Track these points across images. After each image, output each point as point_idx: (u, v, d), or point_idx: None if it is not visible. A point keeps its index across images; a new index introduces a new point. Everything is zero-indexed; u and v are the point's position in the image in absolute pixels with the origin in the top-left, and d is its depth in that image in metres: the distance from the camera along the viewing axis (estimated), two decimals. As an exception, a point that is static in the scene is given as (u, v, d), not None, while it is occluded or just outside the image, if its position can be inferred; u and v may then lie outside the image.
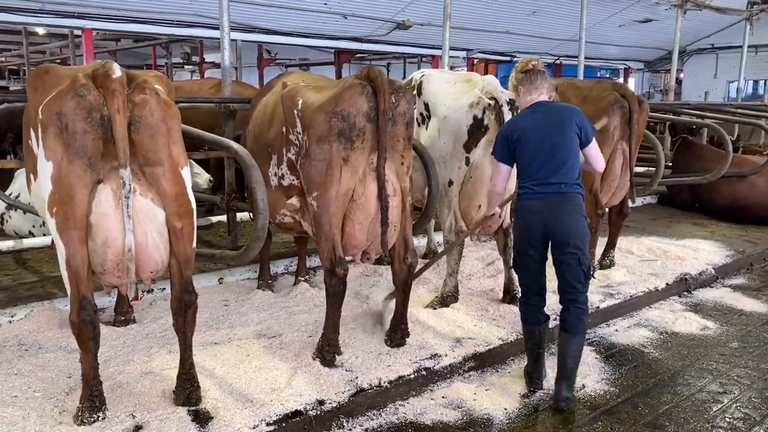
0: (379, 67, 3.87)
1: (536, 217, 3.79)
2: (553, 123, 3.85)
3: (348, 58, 21.61)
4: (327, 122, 3.78)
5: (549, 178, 3.77)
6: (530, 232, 3.85)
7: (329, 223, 3.91)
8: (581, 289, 3.85)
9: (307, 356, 4.18)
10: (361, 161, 3.87)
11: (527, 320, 4.10)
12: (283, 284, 5.75)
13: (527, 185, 3.85)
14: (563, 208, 3.77)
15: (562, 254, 3.79)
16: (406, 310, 4.43)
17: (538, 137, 3.81)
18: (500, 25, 17.32)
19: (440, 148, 4.99)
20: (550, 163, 3.78)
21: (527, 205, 3.86)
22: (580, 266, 3.78)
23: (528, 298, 4.08)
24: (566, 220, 3.76)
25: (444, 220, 5.15)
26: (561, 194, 3.77)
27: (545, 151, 3.79)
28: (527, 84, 3.98)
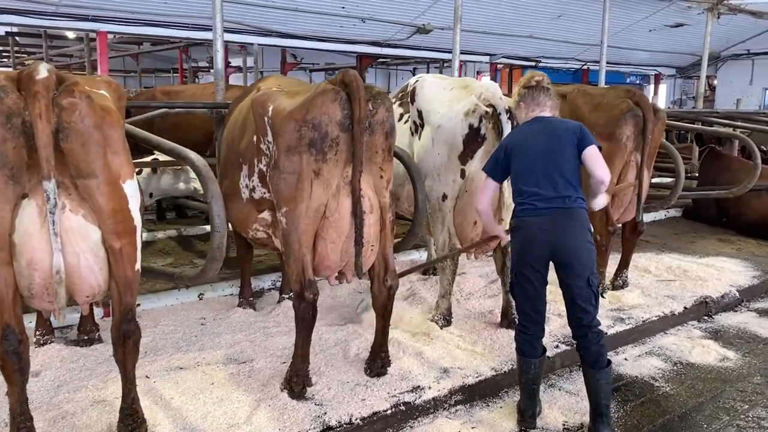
0: (354, 71, 3.47)
1: (539, 235, 3.47)
2: (550, 135, 3.58)
3: (370, 62, 21.32)
4: (297, 131, 3.42)
5: (551, 193, 3.47)
6: (532, 252, 3.51)
7: (298, 242, 3.54)
8: (593, 312, 3.54)
9: (275, 386, 3.82)
10: (335, 174, 3.50)
11: (523, 351, 3.71)
12: (268, 301, 5.41)
13: (527, 201, 3.53)
14: (568, 223, 3.47)
15: (571, 276, 3.47)
16: (386, 337, 4.05)
17: (536, 150, 3.55)
18: (524, 29, 16.81)
19: (434, 160, 4.60)
20: (551, 176, 3.50)
21: (528, 222, 3.52)
22: (590, 287, 3.47)
23: (525, 327, 3.69)
24: (572, 237, 3.45)
25: (437, 237, 4.75)
26: (565, 209, 3.47)
27: (544, 165, 3.51)
28: (529, 100, 3.75)
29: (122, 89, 3.34)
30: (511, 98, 4.06)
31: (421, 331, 4.74)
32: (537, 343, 3.71)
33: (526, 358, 3.71)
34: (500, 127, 4.33)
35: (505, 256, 4.78)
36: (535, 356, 3.70)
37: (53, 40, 19.60)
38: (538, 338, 3.70)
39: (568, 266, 3.47)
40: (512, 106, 3.81)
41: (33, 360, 3.97)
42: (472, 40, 17.17)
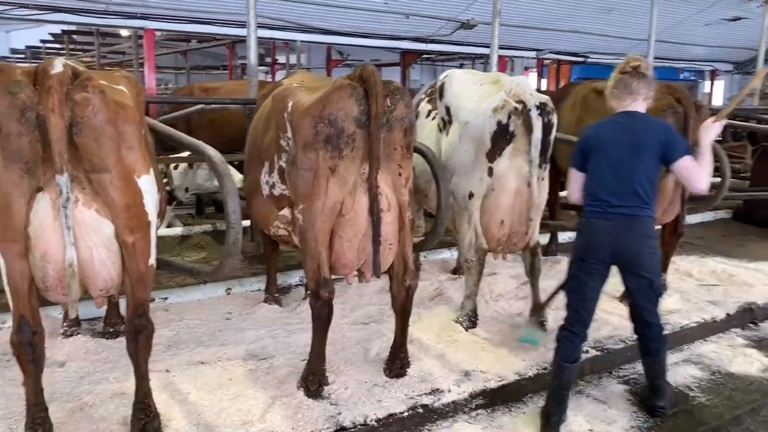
0: (372, 66, 3.41)
1: (604, 238, 3.49)
2: (632, 140, 3.46)
3: (414, 58, 21.21)
4: (313, 127, 3.38)
5: (620, 200, 3.46)
6: (595, 253, 3.53)
7: (314, 240, 3.50)
8: (653, 310, 3.70)
9: (292, 384, 3.79)
10: (351, 171, 3.44)
11: (561, 354, 3.67)
12: (294, 297, 5.40)
13: (597, 204, 3.53)
14: (633, 231, 3.47)
15: (634, 280, 3.59)
16: (405, 338, 3.98)
17: (614, 154, 3.48)
18: (572, 23, 16.43)
19: (461, 157, 4.50)
20: (623, 184, 3.46)
21: (594, 224, 3.53)
22: (651, 289, 3.59)
23: (572, 326, 3.65)
24: (636, 244, 3.48)
25: (463, 236, 4.64)
26: (631, 217, 3.47)
27: (619, 171, 3.46)
28: (621, 88, 3.57)
29: (141, 85, 3.35)
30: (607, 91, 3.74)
31: (445, 332, 4.65)
32: (578, 344, 3.68)
33: (564, 363, 3.66)
34: (530, 124, 4.19)
35: (534, 256, 4.64)
36: (569, 360, 3.66)
37: (106, 37, 20.17)
38: (580, 340, 3.68)
39: (631, 272, 3.55)
40: (606, 92, 3.68)
41: (59, 351, 4.10)
42: (517, 35, 16.87)
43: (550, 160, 6.46)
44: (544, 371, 4.24)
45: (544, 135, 4.26)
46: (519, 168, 4.34)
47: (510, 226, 4.45)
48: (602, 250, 3.49)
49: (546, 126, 4.26)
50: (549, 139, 4.36)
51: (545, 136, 4.29)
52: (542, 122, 4.21)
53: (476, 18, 15.20)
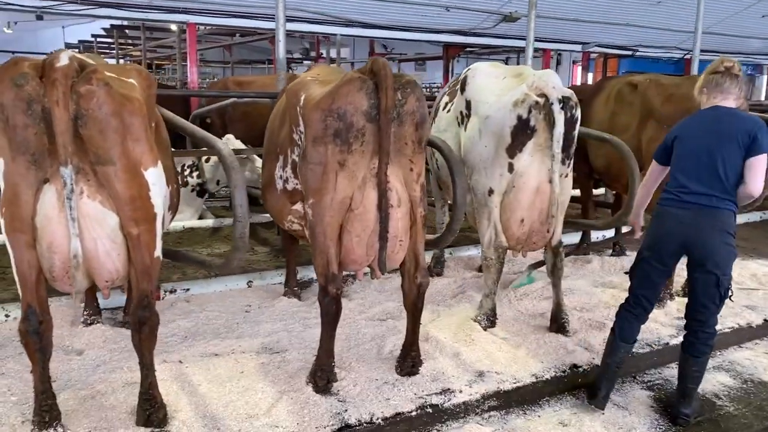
0: (383, 59, 3.34)
1: (677, 228, 3.45)
2: (718, 129, 3.43)
3: (457, 51, 21.01)
4: (322, 121, 3.34)
5: (699, 188, 3.41)
6: (665, 241, 3.51)
7: (323, 235, 3.47)
8: (713, 310, 3.52)
9: (302, 379, 3.77)
10: (361, 166, 3.39)
11: (619, 332, 3.72)
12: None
13: (674, 191, 3.51)
14: (708, 223, 3.39)
15: (700, 272, 3.45)
16: (416, 336, 3.91)
17: (698, 142, 3.47)
18: (620, 16, 15.94)
19: (480, 152, 4.39)
20: (705, 172, 3.41)
21: (669, 212, 3.50)
22: (717, 287, 3.43)
23: (631, 306, 3.70)
24: (709, 236, 3.38)
25: (483, 233, 4.54)
26: (709, 207, 3.39)
27: (701, 158, 3.43)
28: (713, 87, 3.54)
29: (153, 78, 3.37)
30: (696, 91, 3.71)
31: (462, 331, 4.56)
32: (636, 325, 3.71)
33: (620, 342, 3.71)
34: (552, 119, 4.06)
35: (556, 256, 4.51)
36: (626, 341, 3.71)
37: (153, 32, 20.61)
38: (639, 321, 3.71)
39: (699, 263, 3.43)
40: (695, 92, 3.64)
41: (78, 339, 4.18)
42: (562, 27, 16.50)
43: (582, 158, 6.37)
44: (563, 374, 4.13)
45: (567, 130, 4.13)
46: (540, 164, 4.21)
47: (530, 224, 4.34)
48: (673, 239, 3.46)
49: (569, 121, 4.13)
50: (573, 134, 4.22)
51: (568, 131, 4.16)
52: (565, 117, 4.07)
53: (519, 11, 14.94)
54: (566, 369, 4.17)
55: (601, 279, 5.97)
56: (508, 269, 5.89)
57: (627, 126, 5.58)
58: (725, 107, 3.51)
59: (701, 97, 3.62)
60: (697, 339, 3.60)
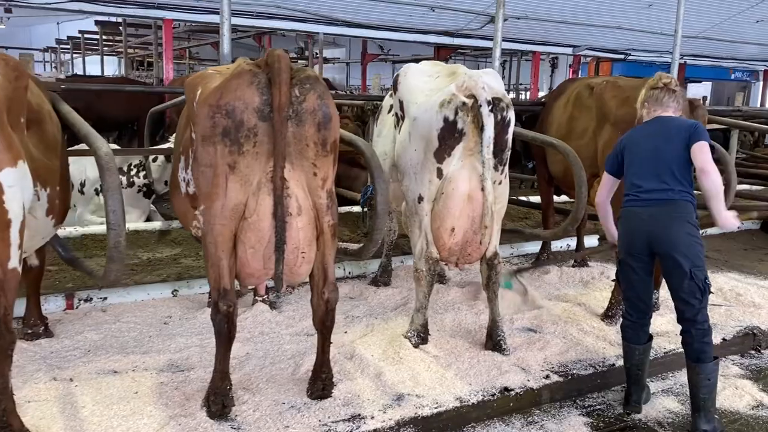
0: (281, 50, 3.02)
1: (639, 225, 3.58)
2: (662, 132, 3.64)
3: (449, 53, 20.70)
4: (210, 118, 3.02)
5: (653, 185, 3.56)
6: (633, 240, 3.64)
7: (215, 245, 3.14)
8: (697, 306, 3.51)
9: (198, 402, 3.44)
10: (255, 169, 3.07)
11: (627, 337, 3.82)
12: (245, 302, 5.02)
13: (632, 192, 3.65)
14: (667, 215, 3.50)
15: (671, 267, 3.50)
16: (326, 356, 3.58)
17: (645, 145, 3.67)
18: (611, 19, 15.64)
19: (411, 156, 4.07)
20: (655, 168, 3.58)
21: (631, 212, 3.64)
22: (692, 279, 3.45)
23: (629, 313, 3.81)
24: (670, 228, 3.48)
25: (414, 243, 4.22)
26: (666, 201, 3.52)
27: (650, 158, 3.61)
28: (653, 102, 3.77)
29: (23, 68, 3.05)
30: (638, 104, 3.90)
31: (392, 348, 4.23)
32: (641, 329, 3.78)
33: (630, 345, 3.78)
34: (481, 121, 3.74)
35: (490, 269, 4.18)
36: (638, 342, 3.77)
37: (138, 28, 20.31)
38: (642, 325, 3.78)
39: (666, 257, 3.49)
40: (637, 105, 3.86)
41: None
42: (553, 30, 16.21)
43: (542, 163, 6.05)
44: (492, 398, 3.80)
45: (498, 134, 3.81)
46: (471, 170, 3.89)
47: (463, 234, 4.01)
48: (638, 236, 3.57)
49: (500, 123, 3.81)
50: (505, 138, 3.90)
51: (500, 134, 3.84)
52: (495, 119, 3.75)
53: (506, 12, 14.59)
54: (496, 392, 3.83)
55: (557, 291, 5.64)
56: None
57: (584, 130, 5.26)
58: (666, 116, 3.71)
59: (642, 111, 3.81)
60: (693, 339, 3.54)
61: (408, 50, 23.51)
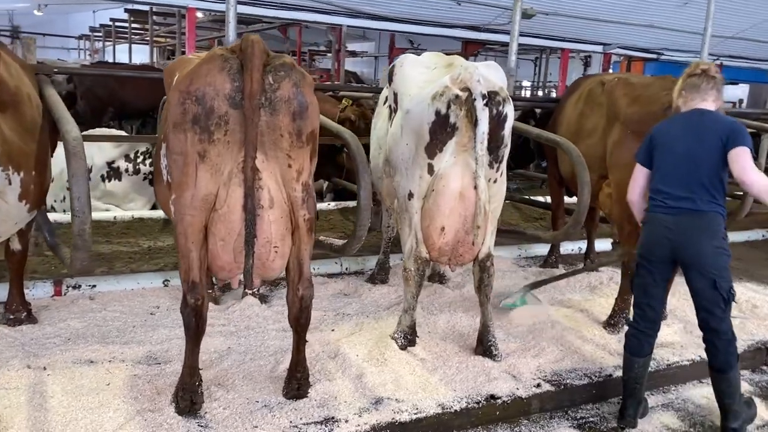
0: (256, 35, 2.88)
1: (663, 233, 3.45)
2: (698, 134, 3.43)
3: (476, 48, 20.43)
4: (180, 104, 2.90)
5: (683, 193, 3.41)
6: (654, 248, 3.52)
7: (185, 236, 3.03)
8: (720, 315, 3.43)
9: (168, 397, 3.34)
10: (226, 159, 2.95)
11: (629, 348, 3.69)
12: (236, 295, 4.91)
13: (660, 198, 3.49)
14: (693, 225, 3.37)
15: (695, 278, 3.41)
16: (301, 355, 3.46)
17: (681, 148, 3.46)
18: (644, 17, 15.21)
19: (402, 151, 3.91)
20: (686, 175, 3.42)
21: (656, 218, 3.50)
22: (715, 289, 3.36)
23: (636, 321, 3.67)
24: (697, 239, 3.36)
25: (404, 242, 4.06)
26: (694, 212, 3.38)
27: (682, 163, 3.43)
28: (691, 90, 3.55)
29: (-7, 49, 2.97)
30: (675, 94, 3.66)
31: (377, 349, 4.09)
32: (645, 340, 3.65)
33: (631, 357, 3.67)
34: (474, 116, 3.55)
35: (483, 270, 4.00)
36: (639, 355, 3.65)
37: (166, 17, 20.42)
38: (647, 336, 3.65)
39: (691, 268, 3.40)
40: (674, 95, 3.64)
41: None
42: (583, 27, 15.83)
43: (553, 163, 5.83)
44: (477, 405, 3.63)
45: (493, 129, 3.62)
46: (464, 167, 3.72)
47: (454, 233, 3.84)
48: (662, 245, 3.45)
49: (495, 118, 3.62)
50: (501, 134, 3.71)
51: (495, 130, 3.65)
52: (490, 114, 3.56)
53: (535, 7, 14.30)
54: (481, 400, 3.67)
55: (561, 296, 5.42)
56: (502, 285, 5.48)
57: (594, 129, 5.03)
58: (703, 109, 3.49)
59: (679, 100, 3.59)
60: (718, 350, 3.47)
61: (437, 45, 23.20)
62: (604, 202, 4.83)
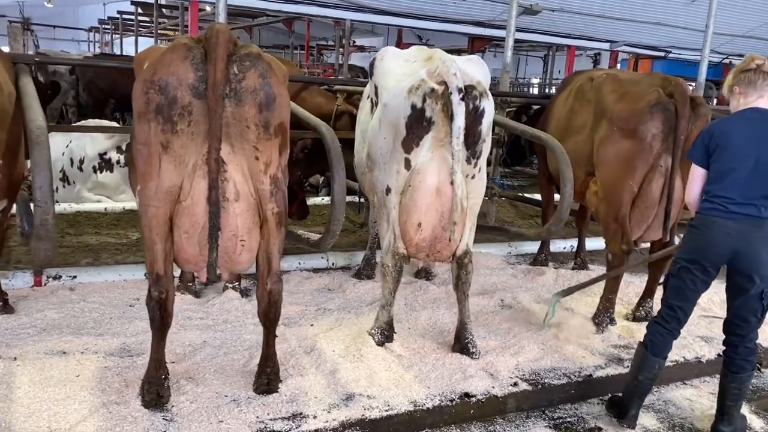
0: (224, 24, 2.84)
1: (723, 238, 3.28)
2: (763, 136, 3.26)
3: (483, 44, 20.30)
4: (144, 94, 2.87)
5: (746, 199, 3.24)
6: (710, 253, 3.34)
7: (149, 228, 3.00)
8: (754, 324, 3.41)
9: (136, 390, 3.32)
10: (190, 150, 2.91)
11: (652, 348, 3.55)
12: (217, 288, 4.88)
13: (719, 201, 3.30)
14: (757, 234, 3.24)
15: (745, 285, 3.30)
16: (271, 350, 3.42)
17: (745, 149, 3.27)
18: (651, 14, 15.03)
19: (380, 145, 3.85)
20: (756, 181, 3.23)
21: (714, 222, 3.31)
22: (761, 300, 3.32)
23: (665, 320, 3.54)
24: (759, 248, 3.25)
25: (383, 237, 4.01)
26: (757, 218, 3.24)
27: (750, 167, 3.24)
28: (745, 86, 3.35)
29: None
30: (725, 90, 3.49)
31: (354, 345, 4.05)
32: (669, 340, 3.57)
33: (653, 357, 3.56)
34: (450, 110, 3.50)
35: (460, 268, 3.95)
36: (661, 356, 3.58)
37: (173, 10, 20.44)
38: (672, 337, 3.57)
39: (745, 275, 3.29)
40: (724, 92, 3.48)
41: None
42: (589, 24, 15.67)
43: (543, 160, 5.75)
44: (450, 403, 3.59)
45: (470, 124, 3.57)
46: (441, 162, 3.66)
47: (431, 229, 3.79)
48: (718, 251, 3.30)
49: (472, 113, 3.56)
50: (478, 129, 3.65)
51: (472, 125, 3.59)
52: (466, 108, 3.51)
53: (540, 3, 14.16)
54: (455, 398, 3.62)
55: (548, 294, 5.34)
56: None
57: (583, 125, 4.95)
58: (764, 109, 3.30)
59: (732, 97, 3.41)
60: (737, 354, 3.44)
61: (445, 41, 23.12)
62: (591, 200, 4.76)
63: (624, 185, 4.36)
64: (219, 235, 2.92)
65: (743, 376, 3.47)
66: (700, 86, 8.95)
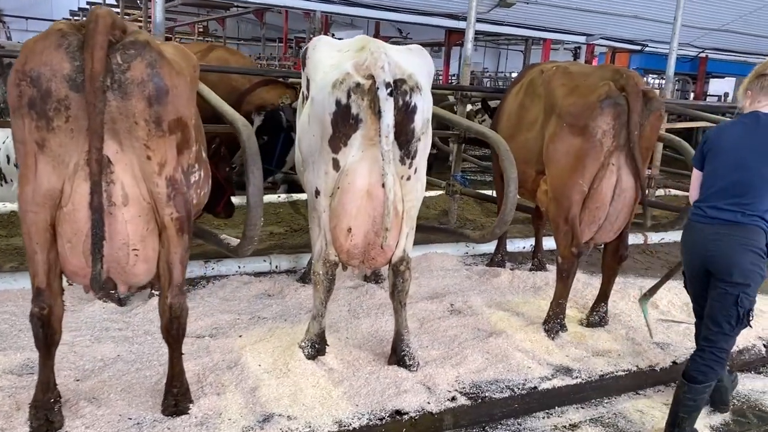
0: (107, 9, 2.53)
1: (701, 242, 3.31)
2: (755, 143, 3.22)
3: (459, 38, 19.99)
4: (16, 86, 2.54)
5: (726, 204, 3.23)
6: (690, 258, 3.43)
7: (28, 236, 2.69)
8: (727, 331, 3.27)
9: (26, 415, 3.00)
10: (71, 150, 2.60)
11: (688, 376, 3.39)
12: (144, 296, 4.56)
13: (702, 206, 3.34)
14: (731, 237, 3.20)
15: (720, 287, 3.24)
16: (176, 369, 3.12)
17: (731, 153, 3.27)
18: (628, 8, 14.83)
19: (310, 143, 3.55)
20: (734, 187, 3.22)
21: (694, 227, 3.37)
22: (735, 306, 3.20)
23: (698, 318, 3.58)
24: (731, 250, 3.20)
25: (314, 242, 3.72)
26: (734, 224, 3.21)
27: (733, 173, 3.24)
28: (757, 90, 3.33)
29: None
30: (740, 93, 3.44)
31: (282, 358, 3.75)
32: None
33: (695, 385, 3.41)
34: (378, 107, 3.19)
35: (396, 275, 3.66)
36: None
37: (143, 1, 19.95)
38: None
39: (719, 278, 3.24)
40: (739, 94, 3.42)
41: None
42: (566, 16, 15.44)
43: (495, 157, 5.46)
44: (379, 422, 3.32)
45: (402, 121, 3.27)
46: (372, 163, 3.36)
47: (364, 235, 3.50)
48: (697, 254, 3.34)
49: (402, 110, 3.26)
50: (411, 127, 3.34)
51: (404, 123, 3.29)
52: (396, 105, 3.21)
53: (514, -4, 13.89)
54: (385, 416, 3.34)
55: (501, 297, 5.10)
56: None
57: (534, 121, 4.68)
58: (760, 113, 3.27)
59: (745, 99, 3.38)
60: (701, 359, 3.31)
61: (424, 34, 22.84)
62: (542, 200, 4.50)
63: (574, 184, 4.11)
64: (104, 244, 2.61)
65: (698, 387, 3.30)
66: (669, 80, 8.75)
